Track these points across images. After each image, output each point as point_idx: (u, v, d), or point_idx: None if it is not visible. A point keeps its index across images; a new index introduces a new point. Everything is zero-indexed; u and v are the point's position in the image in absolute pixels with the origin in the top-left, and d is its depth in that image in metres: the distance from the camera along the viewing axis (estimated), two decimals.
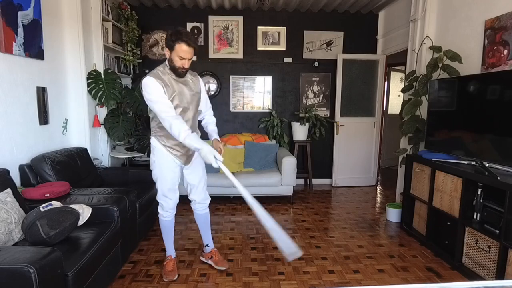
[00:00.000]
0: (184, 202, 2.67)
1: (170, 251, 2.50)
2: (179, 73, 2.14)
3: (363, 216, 3.76)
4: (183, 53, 2.06)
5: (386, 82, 5.53)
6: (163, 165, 2.28)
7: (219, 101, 4.88)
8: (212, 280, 2.36)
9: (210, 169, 4.42)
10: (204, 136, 2.42)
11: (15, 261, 1.43)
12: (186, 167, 2.38)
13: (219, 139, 2.38)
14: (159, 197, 2.39)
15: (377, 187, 5.06)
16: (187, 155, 2.31)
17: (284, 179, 4.03)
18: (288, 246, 1.75)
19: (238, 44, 4.83)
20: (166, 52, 2.12)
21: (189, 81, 2.25)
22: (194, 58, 4.78)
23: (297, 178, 4.30)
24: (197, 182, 2.45)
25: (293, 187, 4.12)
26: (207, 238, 2.60)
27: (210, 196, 2.50)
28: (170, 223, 2.45)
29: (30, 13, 2.68)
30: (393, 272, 2.51)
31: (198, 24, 4.75)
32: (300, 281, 2.37)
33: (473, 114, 2.58)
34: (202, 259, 2.66)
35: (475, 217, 2.46)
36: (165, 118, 2.04)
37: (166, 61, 2.18)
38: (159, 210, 2.42)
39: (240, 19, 4.77)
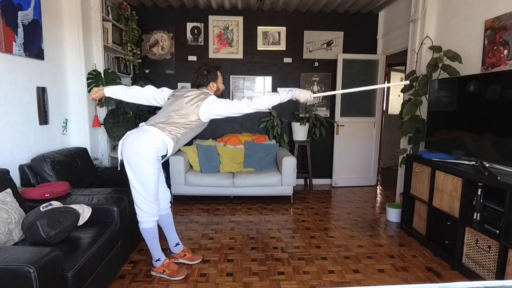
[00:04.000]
0: (184, 202, 2.68)
1: (162, 255, 2.41)
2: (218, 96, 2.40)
3: (363, 216, 3.76)
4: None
5: (386, 82, 5.53)
6: (157, 165, 2.22)
7: None
8: (212, 280, 2.36)
9: (210, 169, 4.40)
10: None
11: (15, 261, 1.43)
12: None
13: None
14: (150, 201, 2.22)
15: (377, 187, 5.06)
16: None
17: (284, 179, 4.03)
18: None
19: (238, 44, 4.83)
20: (212, 85, 2.39)
21: None
22: (194, 58, 4.80)
23: (297, 178, 4.30)
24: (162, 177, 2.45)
25: (293, 187, 4.12)
26: (176, 236, 2.62)
27: (210, 196, 2.51)
28: (156, 228, 2.35)
29: (30, 13, 2.68)
30: (393, 272, 2.51)
31: (198, 24, 4.75)
32: (300, 281, 2.36)
33: (473, 114, 2.58)
34: (173, 260, 2.52)
35: (475, 217, 2.47)
36: (242, 101, 2.19)
37: (210, 92, 2.36)
38: (145, 218, 2.25)
39: (240, 19, 4.77)
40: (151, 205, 2.24)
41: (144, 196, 2.20)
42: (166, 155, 2.23)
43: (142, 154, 2.11)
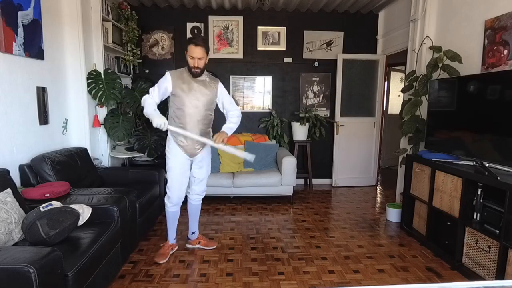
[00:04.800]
0: (184, 201, 2.69)
1: (170, 238, 2.76)
2: (193, 72, 2.45)
3: (363, 216, 3.76)
4: (192, 52, 2.38)
5: (386, 82, 5.53)
6: (173, 156, 2.54)
7: None
8: (212, 280, 2.36)
9: (210, 169, 4.40)
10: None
11: (15, 261, 1.42)
12: (196, 162, 2.62)
13: (227, 132, 2.57)
14: (167, 187, 2.62)
15: (377, 187, 5.06)
16: (192, 148, 2.54)
17: (284, 179, 4.03)
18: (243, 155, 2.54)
19: (238, 44, 4.83)
20: (186, 53, 2.49)
21: (206, 83, 2.53)
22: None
23: (297, 178, 4.30)
24: (203, 177, 2.72)
25: (293, 187, 4.12)
26: (195, 226, 2.89)
27: (210, 196, 2.61)
28: (173, 214, 2.70)
29: (30, 13, 2.68)
30: (393, 272, 2.52)
31: (198, 24, 4.75)
32: (300, 281, 2.37)
33: (473, 114, 2.58)
34: (189, 246, 2.87)
35: (475, 217, 2.47)
36: (146, 96, 2.48)
37: None
38: (165, 199, 2.67)
39: (240, 19, 4.77)
40: (171, 196, 2.62)
41: (168, 187, 2.61)
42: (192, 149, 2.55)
43: (166, 150, 2.62)
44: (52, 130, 3.08)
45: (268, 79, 4.94)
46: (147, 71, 4.74)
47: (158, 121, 2.33)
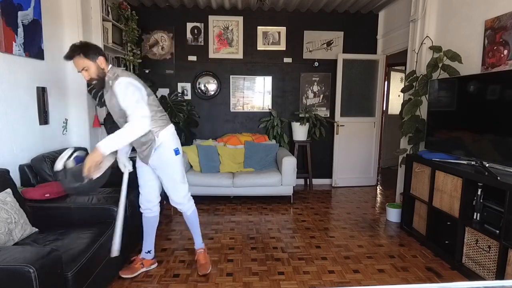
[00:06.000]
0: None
1: (143, 249, 2.54)
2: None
3: (363, 216, 3.76)
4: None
5: (386, 82, 5.53)
6: (139, 163, 2.47)
7: (219, 101, 4.88)
8: (212, 280, 2.36)
9: (210, 169, 4.41)
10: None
11: (15, 261, 1.43)
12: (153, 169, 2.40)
13: (100, 150, 2.12)
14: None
15: (377, 187, 5.06)
16: (141, 154, 2.40)
17: (284, 179, 4.03)
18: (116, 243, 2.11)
19: (238, 44, 4.83)
20: None
21: (110, 86, 2.11)
22: (194, 58, 4.79)
23: (297, 178, 4.30)
24: (165, 185, 2.41)
25: (293, 187, 4.12)
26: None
27: (210, 196, 2.55)
28: (145, 220, 2.50)
29: (30, 13, 2.68)
30: (393, 272, 2.52)
31: (198, 24, 4.75)
32: (300, 281, 2.37)
33: (473, 114, 2.58)
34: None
35: (475, 217, 2.47)
36: None
37: None
38: None
39: (240, 19, 4.77)
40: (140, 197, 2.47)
41: None
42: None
43: None
44: (52, 130, 3.08)
45: (268, 79, 4.94)
46: (147, 71, 4.74)
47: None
